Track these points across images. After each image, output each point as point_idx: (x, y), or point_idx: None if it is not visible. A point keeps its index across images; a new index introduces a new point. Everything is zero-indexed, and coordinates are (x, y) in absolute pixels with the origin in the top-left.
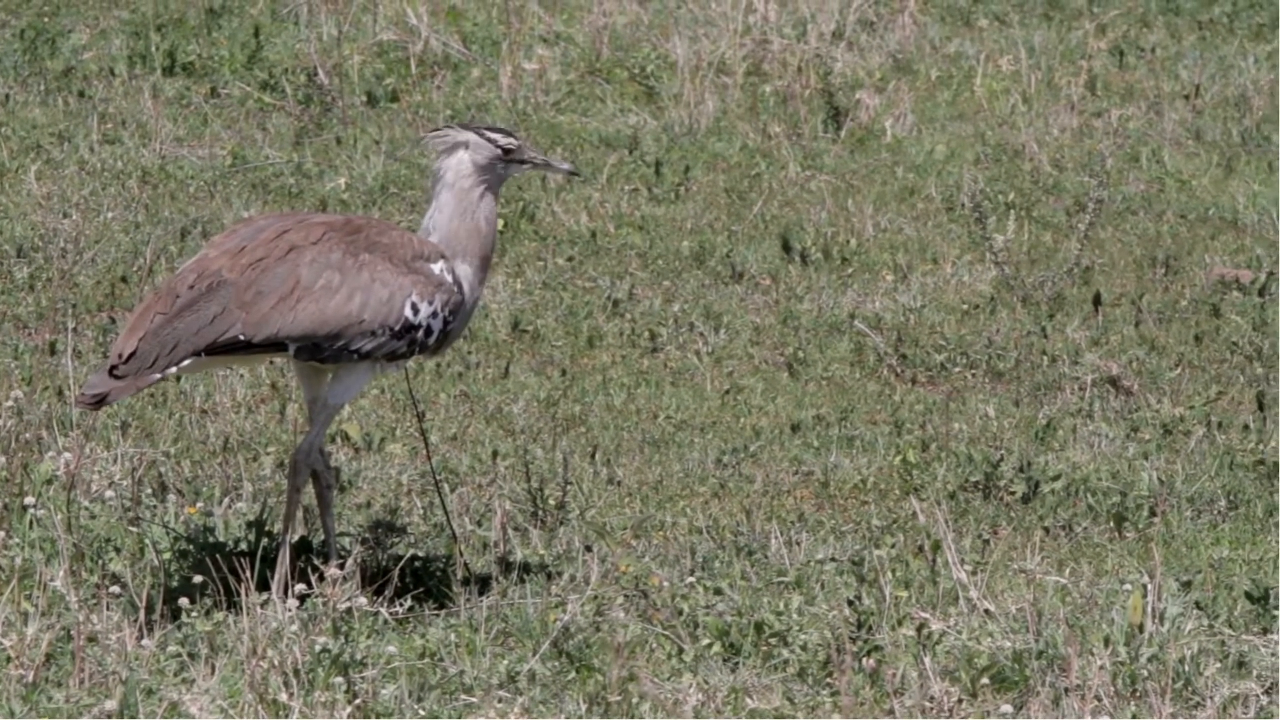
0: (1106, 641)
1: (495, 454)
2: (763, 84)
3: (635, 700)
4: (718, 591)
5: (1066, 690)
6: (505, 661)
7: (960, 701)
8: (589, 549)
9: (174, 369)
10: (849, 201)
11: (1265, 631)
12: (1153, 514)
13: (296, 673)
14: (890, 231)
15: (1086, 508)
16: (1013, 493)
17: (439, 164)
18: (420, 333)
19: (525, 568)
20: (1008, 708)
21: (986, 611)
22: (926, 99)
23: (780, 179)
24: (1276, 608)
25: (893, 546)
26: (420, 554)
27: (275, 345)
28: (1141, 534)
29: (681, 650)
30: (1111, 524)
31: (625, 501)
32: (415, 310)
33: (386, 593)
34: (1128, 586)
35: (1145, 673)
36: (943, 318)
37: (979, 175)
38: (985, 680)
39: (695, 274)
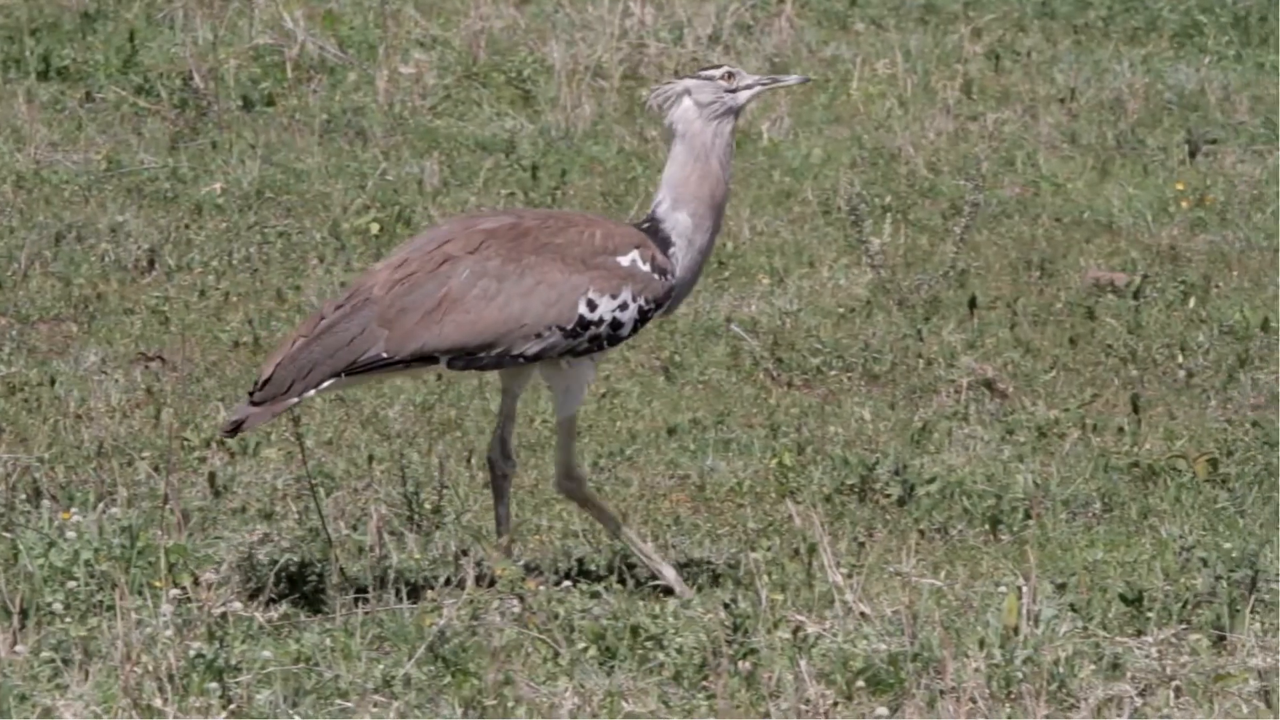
0: (982, 644)
1: (371, 458)
2: (640, 87)
3: (511, 704)
4: (594, 595)
5: (942, 692)
6: (381, 666)
7: (836, 704)
8: (464, 553)
9: (312, 392)
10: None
11: (1139, 633)
12: (1028, 517)
13: (171, 678)
14: (766, 235)
15: (962, 510)
16: (888, 495)
17: (668, 120)
18: (604, 327)
19: (401, 572)
20: (883, 710)
21: (862, 614)
22: (803, 102)
23: (657, 182)
24: (1150, 610)
25: (769, 549)
26: (296, 559)
27: (424, 359)
28: (1016, 537)
29: (557, 654)
30: (987, 527)
31: None
32: (592, 306)
33: (262, 598)
34: (1003, 589)
35: (1020, 675)
36: (819, 321)
37: (855, 178)
38: (861, 683)
39: None
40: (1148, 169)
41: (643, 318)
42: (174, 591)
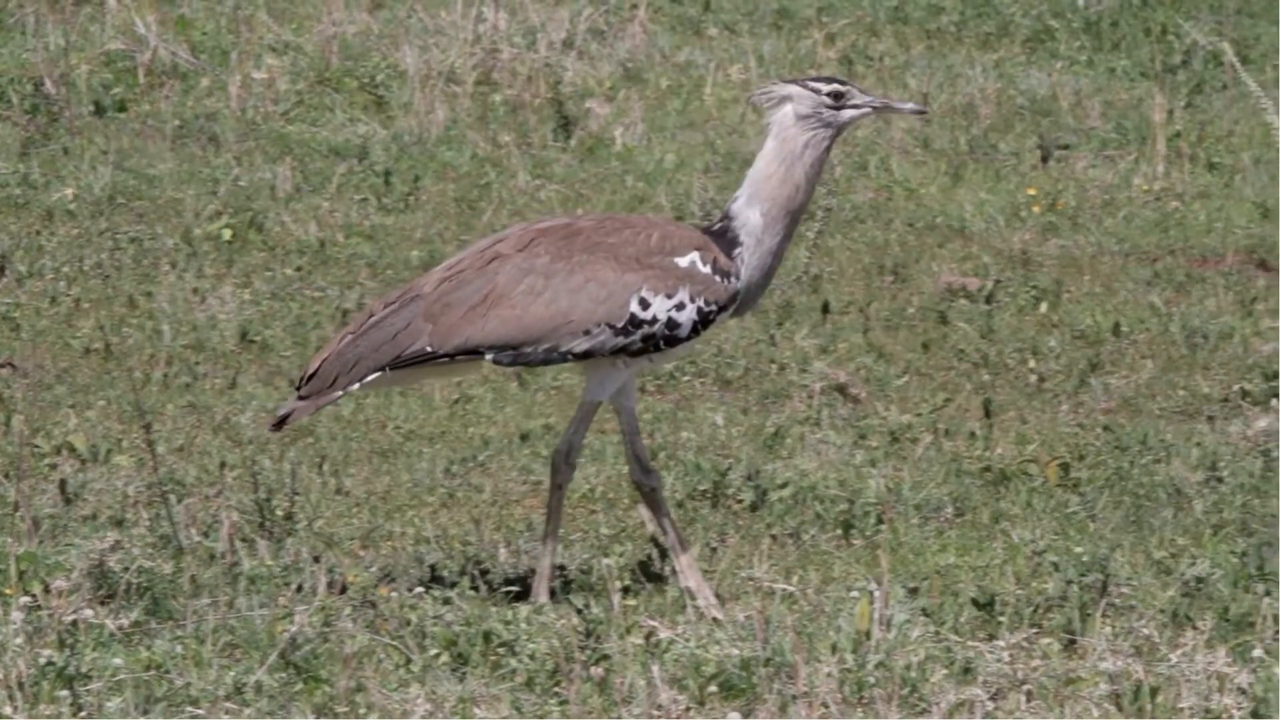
0: (834, 648)
1: (223, 465)
2: (493, 93)
3: (363, 711)
4: (446, 601)
5: (794, 697)
6: (232, 673)
7: (688, 709)
8: (316, 560)
9: (356, 385)
10: (579, 210)
11: (991, 638)
12: (880, 521)
13: (21, 686)
14: None
15: (814, 515)
16: (741, 501)
17: (767, 118)
18: (660, 326)
19: (252, 579)
20: (735, 715)
21: (714, 619)
22: (656, 108)
23: (510, 188)
24: (1002, 614)
25: (621, 555)
26: (147, 566)
27: (470, 353)
28: (869, 541)
29: (409, 660)
30: (839, 531)
31: (354, 512)
32: (645, 305)
33: (113, 605)
34: (855, 593)
35: (872, 679)
36: None
37: (709, 184)
38: (713, 688)
39: None
40: (1000, 174)
41: (703, 320)
42: (24, 599)
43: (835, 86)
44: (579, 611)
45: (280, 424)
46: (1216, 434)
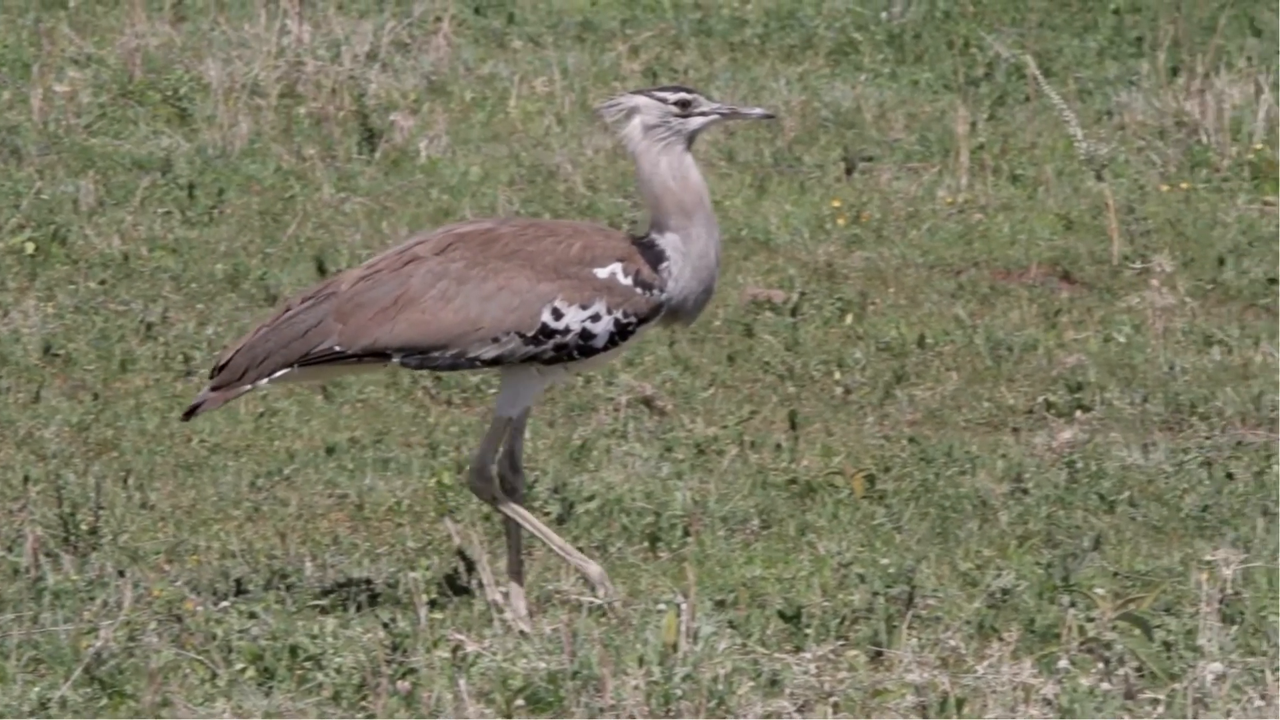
0: (641, 661)
1: (26, 479)
2: (297, 106)
3: None
4: (252, 615)
5: (601, 710)
6: (37, 688)
7: None
8: (121, 574)
9: (265, 381)
10: (384, 223)
11: (798, 650)
12: (687, 533)
13: None
14: None
15: (621, 528)
16: (548, 513)
17: (619, 134)
18: (573, 337)
19: (57, 594)
20: None
21: (521, 632)
22: (461, 120)
23: (315, 201)
24: (808, 626)
25: (428, 569)
26: None
27: (378, 355)
28: (675, 554)
29: (215, 675)
30: (645, 544)
31: (159, 526)
32: (558, 315)
33: None
34: (662, 606)
35: (679, 692)
36: None
37: (514, 196)
38: (520, 701)
39: (229, 297)
40: (804, 186)
41: (622, 331)
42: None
43: (682, 95)
44: (385, 625)
45: (190, 414)
46: (1021, 446)
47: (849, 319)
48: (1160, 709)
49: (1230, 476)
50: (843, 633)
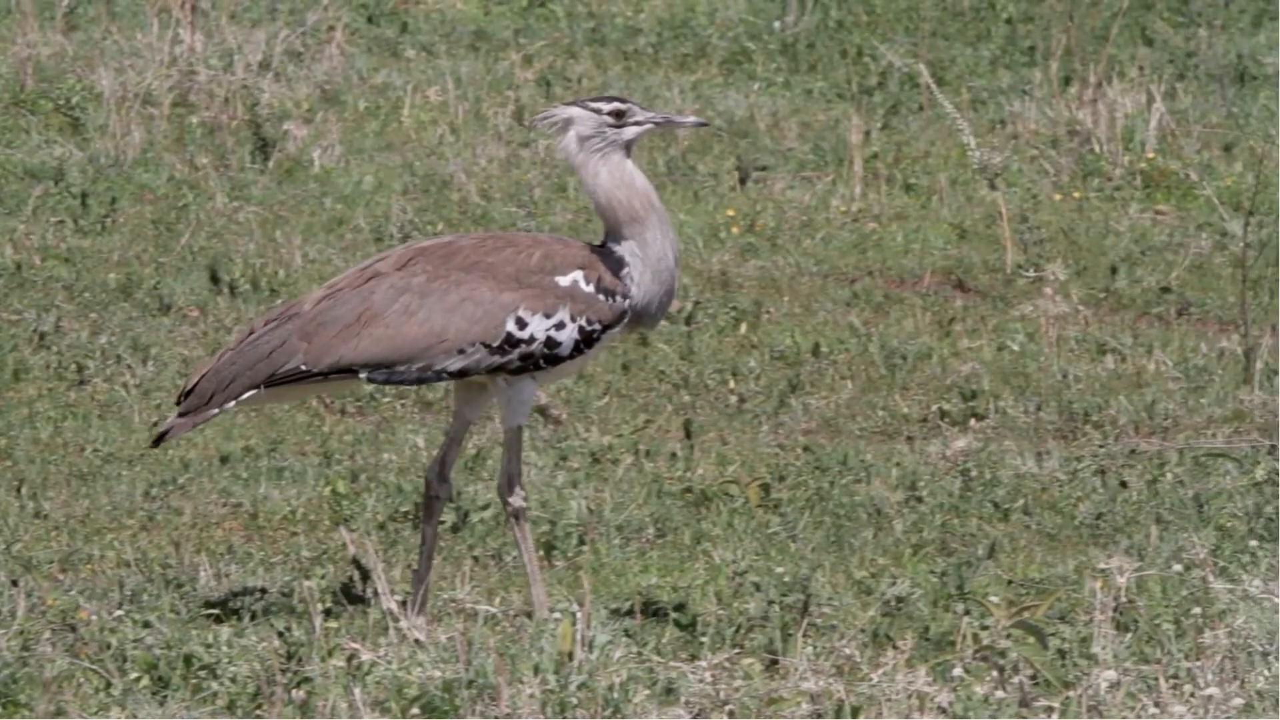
0: (536, 670)
1: None
2: (190, 115)
3: None
4: (146, 624)
5: (497, 718)
6: None
7: None
8: (15, 583)
9: (232, 403)
10: (277, 232)
11: (693, 658)
12: (582, 542)
13: None
14: (319, 262)
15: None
16: (442, 522)
17: (557, 146)
18: (538, 345)
19: None
20: None
21: (417, 641)
22: (354, 129)
23: (208, 210)
24: (704, 634)
25: (323, 577)
26: None
27: (344, 372)
28: (571, 562)
29: (110, 684)
30: (541, 553)
31: (52, 535)
32: (522, 324)
33: None
34: (557, 615)
35: (575, 700)
36: None
37: (408, 205)
38: (416, 710)
39: (123, 306)
40: (699, 195)
41: (586, 339)
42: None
43: (616, 105)
44: (280, 634)
45: (159, 441)
46: (916, 454)
47: (743, 328)
48: (1055, 717)
49: (1124, 485)
50: (738, 641)
